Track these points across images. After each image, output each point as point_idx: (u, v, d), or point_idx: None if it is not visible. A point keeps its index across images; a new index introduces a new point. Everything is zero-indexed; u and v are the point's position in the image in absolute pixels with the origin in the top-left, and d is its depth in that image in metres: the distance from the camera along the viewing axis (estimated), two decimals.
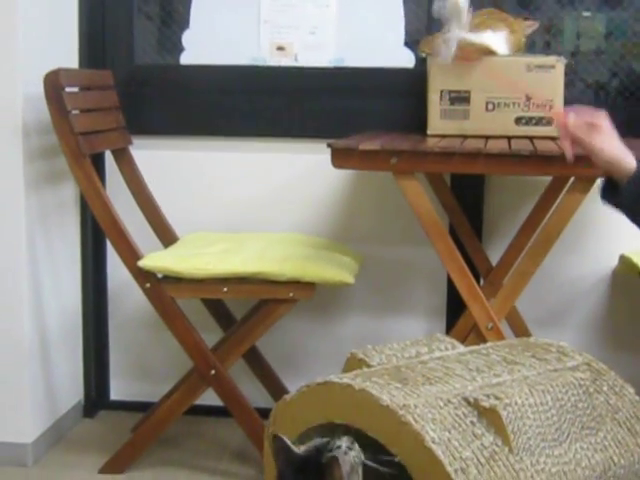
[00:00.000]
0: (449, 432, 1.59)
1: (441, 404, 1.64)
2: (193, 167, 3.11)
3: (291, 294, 2.55)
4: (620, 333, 3.05)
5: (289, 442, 1.60)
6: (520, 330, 2.92)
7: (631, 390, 1.86)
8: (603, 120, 1.91)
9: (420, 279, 3.08)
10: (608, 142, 1.89)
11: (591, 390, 1.79)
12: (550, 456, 1.66)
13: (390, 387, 1.67)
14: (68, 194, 3.05)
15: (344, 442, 1.61)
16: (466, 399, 1.67)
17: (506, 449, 1.62)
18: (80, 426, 3.11)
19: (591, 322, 3.06)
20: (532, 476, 1.61)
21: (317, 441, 1.63)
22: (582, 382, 1.78)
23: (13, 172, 2.69)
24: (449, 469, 1.53)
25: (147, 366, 3.26)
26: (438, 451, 1.54)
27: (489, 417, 1.64)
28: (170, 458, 2.83)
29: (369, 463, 1.63)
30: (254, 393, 2.96)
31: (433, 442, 1.55)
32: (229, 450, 2.88)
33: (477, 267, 2.94)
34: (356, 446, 1.61)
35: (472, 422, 1.63)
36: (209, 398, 2.83)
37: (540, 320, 3.01)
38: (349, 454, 1.59)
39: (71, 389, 3.12)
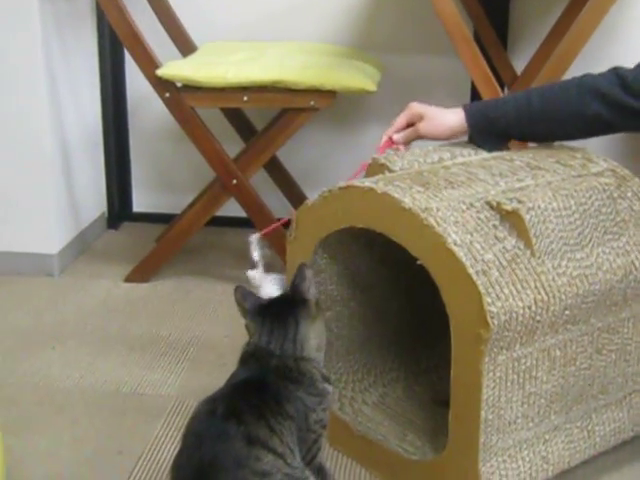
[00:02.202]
0: (471, 235, 1.58)
1: (463, 207, 1.63)
2: None
3: (312, 102, 2.51)
4: None
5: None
6: None
7: None
8: (415, 109, 1.95)
9: (443, 89, 3.03)
10: (429, 124, 1.92)
11: (615, 195, 1.77)
12: (572, 260, 1.66)
13: (412, 190, 1.66)
14: (84, 3, 2.98)
15: None
16: (489, 203, 1.66)
17: (528, 252, 1.62)
18: (104, 237, 3.15)
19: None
20: (553, 279, 1.62)
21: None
22: (606, 187, 1.76)
23: None
24: (471, 271, 1.53)
25: (169, 178, 3.26)
26: (460, 253, 1.54)
27: (512, 220, 1.63)
28: (193, 267, 2.87)
29: None
30: (276, 204, 2.96)
31: (455, 244, 1.55)
32: (252, 260, 2.91)
33: (502, 76, 2.88)
34: None
35: (494, 225, 1.63)
36: (231, 209, 2.85)
37: None
38: None
39: (94, 201, 3.14)
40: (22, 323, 2.49)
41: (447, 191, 1.69)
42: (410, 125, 1.95)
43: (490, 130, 1.90)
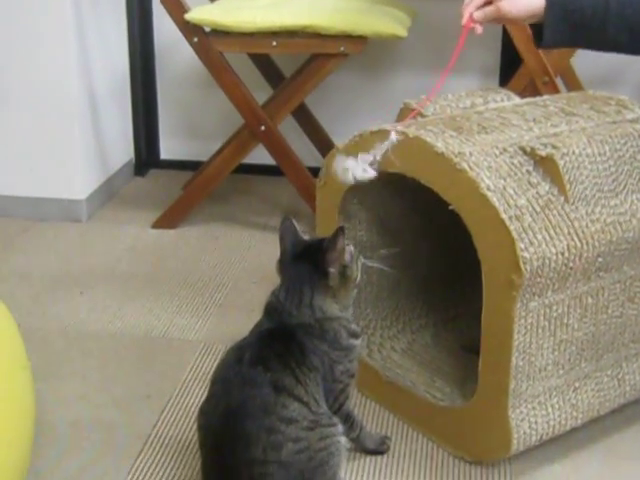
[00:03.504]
0: (504, 180, 1.57)
1: (497, 152, 1.61)
2: None
3: (341, 48, 2.48)
4: None
5: (297, 225, 1.59)
6: (575, 89, 2.85)
7: None
8: None
9: (474, 35, 2.98)
10: (510, 2, 1.80)
11: None
12: (606, 206, 1.64)
13: (445, 135, 1.64)
14: None
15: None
16: (522, 148, 1.63)
17: (562, 198, 1.60)
18: (131, 184, 3.14)
19: None
20: (587, 225, 1.60)
21: (323, 237, 1.59)
22: None
23: None
24: (504, 216, 1.51)
25: (197, 125, 3.25)
26: (493, 198, 1.53)
27: (545, 166, 1.61)
28: (222, 214, 2.86)
29: (371, 264, 1.66)
30: (304, 153, 2.94)
31: (488, 189, 1.53)
32: (280, 207, 2.91)
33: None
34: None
35: (528, 171, 1.61)
36: (259, 157, 2.83)
37: (596, 80, 2.92)
38: (350, 246, 1.57)
39: (121, 148, 3.13)
40: (50, 268, 2.50)
41: (480, 136, 1.67)
42: (488, 3, 1.85)
43: (564, 21, 1.78)
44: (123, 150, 3.14)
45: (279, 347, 1.50)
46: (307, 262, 1.54)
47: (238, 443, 1.43)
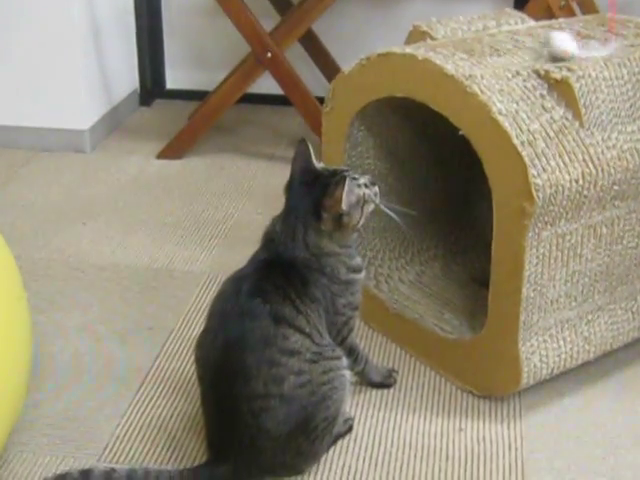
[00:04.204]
0: (517, 104, 1.50)
1: (509, 75, 1.55)
2: None
3: None
4: None
5: (312, 152, 1.51)
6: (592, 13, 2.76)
7: None
8: None
9: None
10: None
11: None
12: (622, 132, 1.58)
13: (455, 57, 1.58)
14: None
15: (365, 179, 1.49)
16: (536, 71, 1.57)
17: (577, 123, 1.54)
18: (136, 114, 3.08)
19: None
20: (602, 152, 1.54)
21: (339, 168, 1.53)
22: None
23: None
24: (516, 141, 1.45)
25: (203, 54, 3.17)
26: (505, 123, 1.46)
27: (560, 90, 1.54)
28: (228, 144, 2.80)
29: (383, 208, 1.54)
30: (313, 83, 2.87)
31: (500, 113, 1.47)
32: (287, 137, 2.85)
33: None
34: (375, 188, 1.50)
35: (542, 95, 1.54)
36: (267, 87, 2.77)
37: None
38: (362, 189, 1.47)
39: (126, 78, 3.06)
40: (53, 199, 2.45)
41: (492, 58, 1.60)
42: None
43: None
44: (128, 80, 3.07)
45: (278, 278, 1.45)
46: (309, 195, 1.47)
47: (237, 377, 1.39)
